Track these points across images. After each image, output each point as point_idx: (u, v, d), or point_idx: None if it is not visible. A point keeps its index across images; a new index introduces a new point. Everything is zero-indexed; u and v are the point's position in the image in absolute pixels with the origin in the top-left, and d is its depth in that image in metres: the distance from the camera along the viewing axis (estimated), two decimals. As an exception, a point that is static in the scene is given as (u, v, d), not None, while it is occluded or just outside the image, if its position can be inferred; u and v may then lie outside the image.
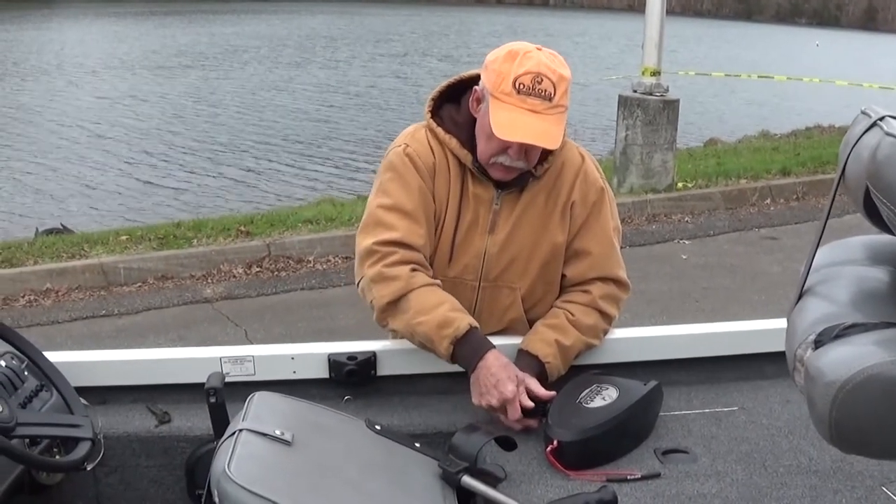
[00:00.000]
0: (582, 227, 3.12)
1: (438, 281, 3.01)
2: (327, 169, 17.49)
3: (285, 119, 22.53)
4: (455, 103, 3.16)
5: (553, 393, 2.81)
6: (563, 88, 2.86)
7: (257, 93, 26.71)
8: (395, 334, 3.08)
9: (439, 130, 3.08)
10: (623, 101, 12.15)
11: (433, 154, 3.08)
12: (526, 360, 2.99)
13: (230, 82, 28.96)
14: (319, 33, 49.63)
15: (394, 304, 2.94)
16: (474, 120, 3.03)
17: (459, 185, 3.07)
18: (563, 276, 3.18)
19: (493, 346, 2.89)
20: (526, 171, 3.02)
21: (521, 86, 2.83)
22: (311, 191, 15.36)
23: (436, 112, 3.14)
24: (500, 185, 3.05)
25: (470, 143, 3.04)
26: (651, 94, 11.95)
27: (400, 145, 3.12)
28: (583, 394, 2.85)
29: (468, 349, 2.87)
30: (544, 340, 3.02)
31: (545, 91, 2.83)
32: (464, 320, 2.89)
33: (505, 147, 2.91)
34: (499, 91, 2.86)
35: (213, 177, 16.55)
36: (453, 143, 3.05)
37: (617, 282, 3.18)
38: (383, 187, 3.08)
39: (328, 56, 37.85)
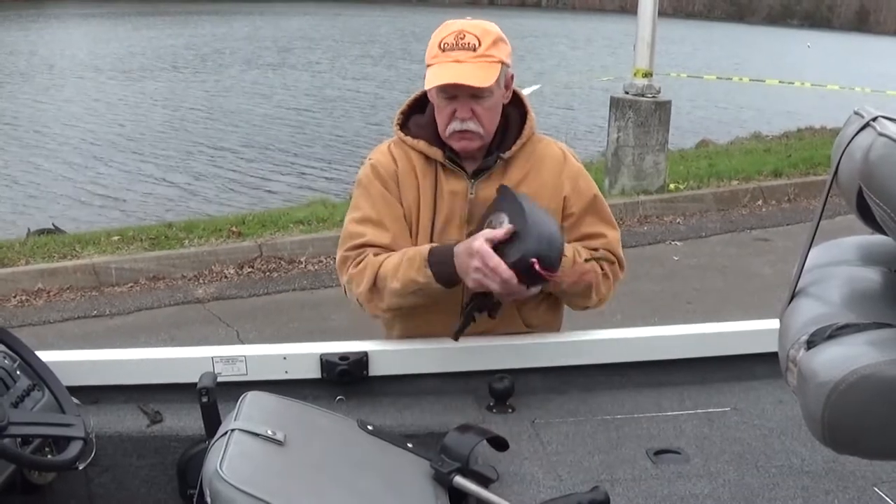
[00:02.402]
0: (583, 218, 3.20)
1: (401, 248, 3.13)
2: (319, 170, 17.46)
3: (275, 120, 22.48)
4: (422, 112, 3.28)
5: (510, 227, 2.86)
6: (488, 40, 2.99)
7: (247, 94, 26.65)
8: (397, 315, 3.21)
9: (407, 138, 3.20)
10: (615, 103, 12.17)
11: (395, 162, 3.21)
12: None
13: (218, 84, 28.90)
14: (308, 35, 49.51)
15: (371, 290, 3.07)
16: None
17: (431, 182, 3.17)
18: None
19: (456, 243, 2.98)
20: (493, 155, 3.13)
21: (446, 44, 3.00)
22: (303, 192, 15.35)
23: (405, 124, 3.27)
24: (473, 176, 3.15)
25: (438, 140, 3.15)
26: (643, 95, 11.96)
27: (365, 162, 3.31)
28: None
29: (441, 261, 2.95)
30: None
31: (468, 43, 2.98)
32: (423, 248, 3.01)
33: (452, 111, 3.03)
34: (430, 58, 3.03)
35: (205, 178, 16.53)
36: (421, 144, 3.17)
37: (620, 261, 3.25)
38: (354, 203, 3.26)
39: (315, 58, 37.79)
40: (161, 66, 33.45)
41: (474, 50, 2.96)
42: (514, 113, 3.22)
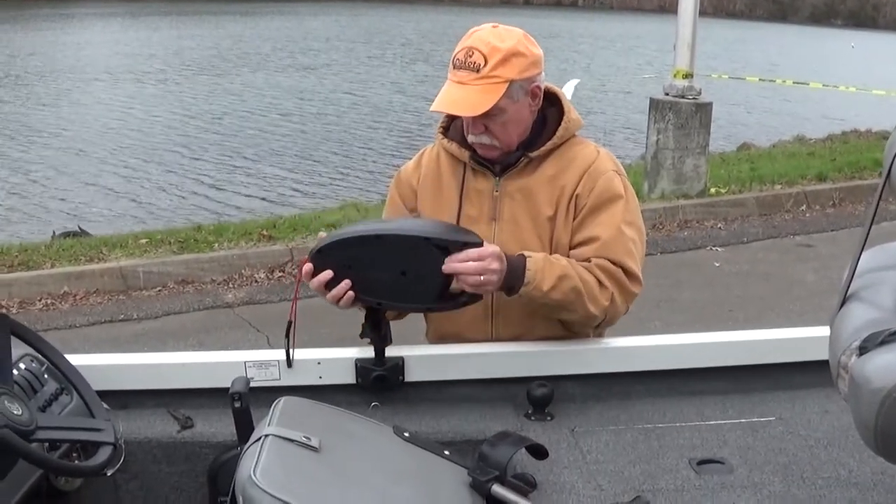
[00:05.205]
0: (587, 218, 3.11)
1: None
2: (352, 172, 17.46)
3: (306, 124, 22.51)
4: None
5: None
6: (496, 58, 2.97)
7: (272, 97, 26.60)
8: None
9: (444, 140, 3.25)
10: (654, 105, 12.15)
11: (420, 167, 3.36)
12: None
13: (241, 86, 28.87)
14: (335, 35, 49.51)
15: None
16: None
17: (458, 182, 3.23)
18: None
19: None
20: (517, 152, 3.14)
21: (457, 61, 3.03)
22: (335, 195, 15.36)
23: (450, 126, 3.31)
24: (500, 173, 3.18)
25: (467, 141, 3.18)
26: (683, 96, 11.92)
27: None
28: None
29: None
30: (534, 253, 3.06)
31: (474, 63, 2.98)
32: None
33: (467, 125, 3.09)
34: (448, 71, 3.07)
35: (235, 182, 16.55)
36: (453, 146, 3.21)
37: (624, 269, 3.06)
38: None
39: (343, 60, 37.77)
40: (179, 67, 33.48)
41: (478, 71, 2.96)
42: (553, 113, 3.21)
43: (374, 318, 3.08)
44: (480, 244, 2.89)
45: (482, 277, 2.86)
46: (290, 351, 3.11)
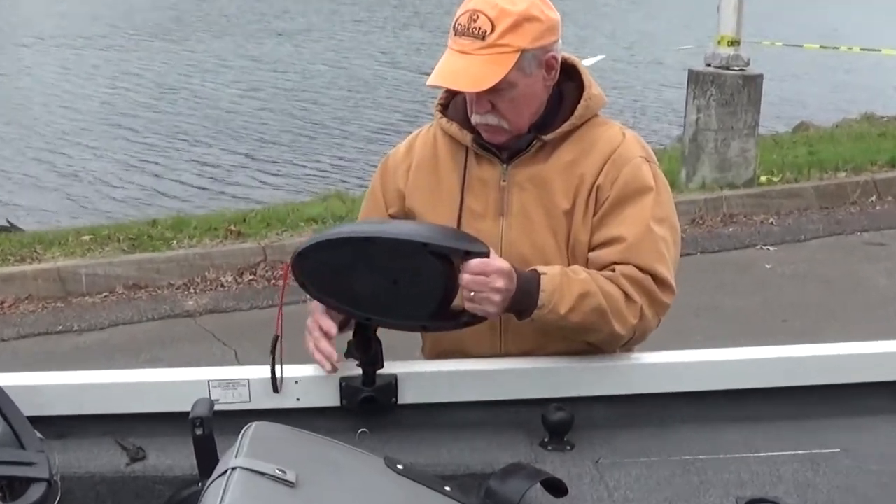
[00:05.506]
0: (610, 213, 3.10)
1: None
2: (331, 160, 17.43)
3: (278, 101, 22.46)
4: None
5: None
6: (504, 24, 2.95)
7: (238, 69, 26.49)
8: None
9: (443, 120, 3.26)
10: (694, 77, 12.13)
11: (413, 151, 3.36)
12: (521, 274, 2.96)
13: (202, 55, 28.72)
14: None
15: None
16: None
17: (459, 171, 3.23)
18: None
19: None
20: (528, 135, 3.13)
21: (459, 26, 3.01)
22: (311, 186, 15.32)
23: (449, 104, 3.31)
24: (507, 160, 3.16)
25: (470, 122, 3.17)
26: (728, 67, 11.91)
27: None
28: None
29: None
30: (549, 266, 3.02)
31: (478, 29, 2.96)
32: None
33: (472, 100, 3.08)
34: (449, 38, 3.05)
35: (190, 170, 16.51)
36: (453, 127, 3.22)
37: (654, 276, 3.04)
38: None
39: (323, 25, 37.72)
40: (128, 31, 33.32)
41: (483, 38, 2.94)
42: (571, 89, 3.20)
43: (363, 335, 3.08)
44: (486, 254, 2.86)
45: (482, 295, 2.84)
46: (279, 371, 3.14)
